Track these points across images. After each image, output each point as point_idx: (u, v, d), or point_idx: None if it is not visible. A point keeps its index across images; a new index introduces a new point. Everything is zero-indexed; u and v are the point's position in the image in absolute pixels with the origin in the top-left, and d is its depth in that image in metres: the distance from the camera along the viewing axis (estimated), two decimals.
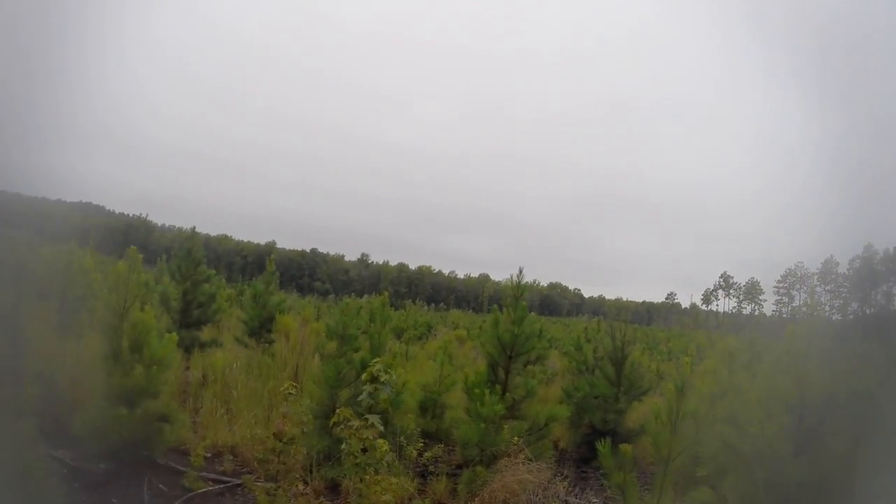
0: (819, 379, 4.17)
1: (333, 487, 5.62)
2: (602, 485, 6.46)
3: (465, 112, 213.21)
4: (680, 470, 5.10)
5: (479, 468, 5.84)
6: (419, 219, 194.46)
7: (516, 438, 6.05)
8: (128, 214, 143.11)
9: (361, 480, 4.24)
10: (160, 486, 5.62)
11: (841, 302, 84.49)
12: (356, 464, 4.21)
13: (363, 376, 4.71)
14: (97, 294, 13.12)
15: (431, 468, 6.40)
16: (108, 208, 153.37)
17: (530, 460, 5.85)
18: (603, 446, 4.67)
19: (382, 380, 4.58)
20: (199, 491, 5.59)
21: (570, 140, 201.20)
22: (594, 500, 6.36)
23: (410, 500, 5.09)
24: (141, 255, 6.15)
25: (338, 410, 4.41)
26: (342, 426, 4.30)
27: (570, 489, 6.26)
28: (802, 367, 4.19)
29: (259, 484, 5.03)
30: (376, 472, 4.26)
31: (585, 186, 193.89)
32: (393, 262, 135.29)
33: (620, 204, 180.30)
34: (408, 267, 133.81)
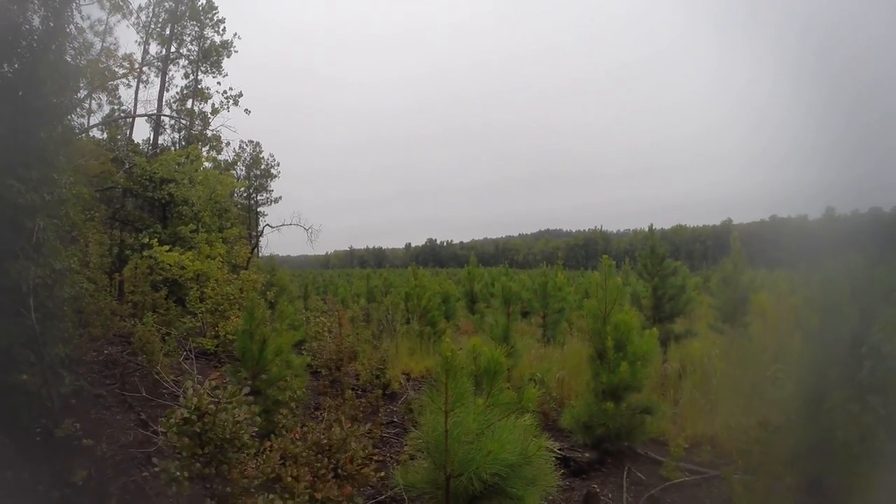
0: None
1: (814, 484, 4.98)
2: None
3: None
4: None
5: None
6: None
7: None
8: (584, 230, 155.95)
9: (853, 476, 3.70)
10: (639, 474, 6.01)
11: None
12: (851, 456, 3.67)
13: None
14: (572, 304, 14.76)
15: None
16: (564, 229, 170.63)
17: None
18: None
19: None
20: (676, 481, 5.72)
21: None
22: None
23: None
24: (613, 262, 6.74)
25: (833, 394, 3.95)
26: (838, 411, 3.83)
27: None
28: None
29: (737, 476, 4.82)
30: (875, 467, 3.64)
31: None
32: None
33: None
34: None
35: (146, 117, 18.04)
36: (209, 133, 19.96)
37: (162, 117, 18.55)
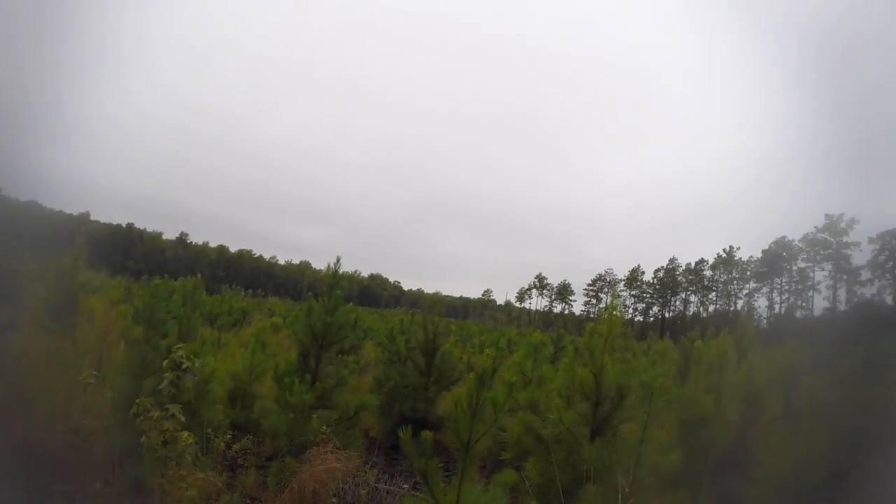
0: (614, 371, 4.80)
1: (138, 486, 5.07)
2: (411, 471, 6.44)
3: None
4: (484, 454, 5.42)
5: (288, 459, 5.70)
6: (244, 200, 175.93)
7: (325, 428, 5.94)
8: None
9: (164, 476, 4.03)
10: None
11: (643, 305, 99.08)
12: (157, 458, 3.99)
13: (165, 363, 4.52)
14: None
15: (241, 461, 6.29)
16: None
17: (339, 449, 5.73)
18: (404, 433, 4.30)
19: (185, 367, 4.41)
20: None
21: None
22: (403, 486, 6.50)
23: (219, 495, 4.86)
24: None
25: (137, 401, 4.13)
26: (142, 417, 4.05)
27: (380, 476, 6.35)
28: (599, 360, 4.78)
29: (57, 486, 4.59)
30: (179, 466, 4.05)
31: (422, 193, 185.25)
32: (213, 244, 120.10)
33: (451, 210, 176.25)
34: (228, 249, 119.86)
35: None
36: None
37: None
